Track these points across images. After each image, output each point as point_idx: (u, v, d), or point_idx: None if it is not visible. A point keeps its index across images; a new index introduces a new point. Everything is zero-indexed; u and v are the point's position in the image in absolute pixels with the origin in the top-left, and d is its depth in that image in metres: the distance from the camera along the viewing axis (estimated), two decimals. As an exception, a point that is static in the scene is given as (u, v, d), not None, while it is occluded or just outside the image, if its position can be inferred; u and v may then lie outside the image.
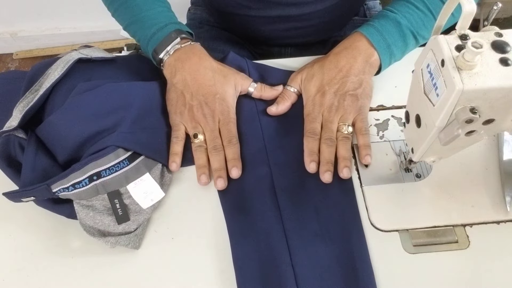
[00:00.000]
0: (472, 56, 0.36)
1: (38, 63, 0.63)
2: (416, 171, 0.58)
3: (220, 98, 0.60)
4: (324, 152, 0.57)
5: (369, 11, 0.87)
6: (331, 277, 0.51)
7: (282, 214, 0.55)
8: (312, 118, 0.60)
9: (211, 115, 0.59)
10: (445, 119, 0.40)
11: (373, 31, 0.62)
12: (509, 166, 0.57)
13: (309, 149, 0.58)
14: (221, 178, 0.56)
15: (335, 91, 0.60)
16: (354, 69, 0.61)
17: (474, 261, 0.51)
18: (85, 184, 0.53)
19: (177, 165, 0.58)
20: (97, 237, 0.53)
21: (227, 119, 0.60)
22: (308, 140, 0.59)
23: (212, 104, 0.60)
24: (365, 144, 0.58)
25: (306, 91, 0.63)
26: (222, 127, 0.59)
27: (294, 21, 0.75)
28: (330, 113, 0.60)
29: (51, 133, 0.56)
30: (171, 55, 0.62)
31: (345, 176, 0.56)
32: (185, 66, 0.61)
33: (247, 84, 0.63)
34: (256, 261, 0.52)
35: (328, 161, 0.57)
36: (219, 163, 0.57)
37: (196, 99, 0.60)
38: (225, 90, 0.61)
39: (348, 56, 0.62)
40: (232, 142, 0.59)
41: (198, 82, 0.60)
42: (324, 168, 0.56)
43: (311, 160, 0.57)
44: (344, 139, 0.58)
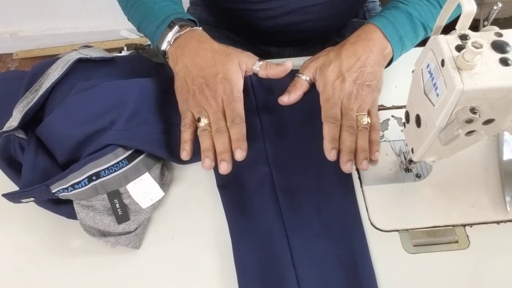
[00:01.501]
0: (472, 56, 0.36)
1: (38, 63, 0.63)
2: (416, 171, 0.58)
3: (222, 77, 0.58)
4: (346, 141, 0.56)
5: (369, 13, 0.87)
6: (332, 277, 0.51)
7: (283, 213, 0.55)
8: (333, 103, 0.58)
9: (213, 96, 0.57)
10: (445, 119, 0.40)
11: (386, 22, 0.61)
12: (509, 166, 0.57)
13: (330, 135, 0.56)
14: (224, 161, 0.53)
15: (354, 79, 0.59)
16: (371, 60, 0.60)
17: (474, 261, 0.51)
18: (85, 185, 0.53)
19: (187, 152, 0.56)
20: (97, 237, 0.53)
21: (230, 97, 0.57)
22: (330, 126, 0.56)
23: (214, 85, 0.57)
24: (376, 140, 0.58)
25: (324, 76, 0.60)
26: (226, 107, 0.57)
27: (294, 15, 0.75)
28: (349, 100, 0.58)
29: (49, 134, 0.56)
30: (171, 44, 0.61)
31: (364, 168, 0.55)
32: (185, 52, 0.60)
33: (251, 62, 0.61)
34: (257, 261, 0.52)
35: (350, 150, 0.55)
36: (222, 146, 0.55)
37: (198, 83, 0.58)
38: (227, 68, 0.58)
39: (365, 46, 0.61)
40: (235, 122, 0.55)
41: (198, 65, 0.59)
42: (346, 158, 0.55)
43: (332, 147, 0.55)
44: (363, 130, 0.57)
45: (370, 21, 0.63)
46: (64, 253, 0.54)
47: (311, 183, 0.57)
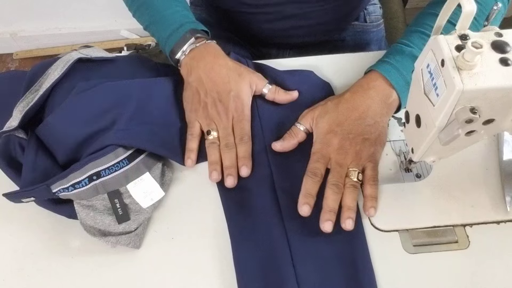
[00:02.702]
0: (472, 56, 0.36)
1: (38, 63, 0.63)
2: (416, 171, 0.58)
3: (235, 95, 0.60)
4: (328, 199, 0.53)
5: (369, 16, 0.87)
6: (332, 277, 0.51)
7: (283, 214, 0.55)
8: (317, 157, 0.56)
9: (225, 112, 0.59)
10: (445, 119, 0.40)
11: (389, 68, 0.58)
12: (509, 166, 0.57)
13: (306, 189, 0.54)
14: (231, 176, 0.56)
15: (348, 132, 0.56)
16: (371, 111, 0.57)
17: (474, 261, 0.51)
18: (85, 184, 0.53)
19: (192, 161, 0.58)
20: (97, 237, 0.53)
21: (240, 116, 0.59)
22: (307, 180, 0.54)
23: (226, 101, 0.60)
24: (371, 195, 0.54)
25: (317, 128, 0.58)
26: (235, 124, 0.59)
27: (292, 19, 0.75)
28: (339, 155, 0.55)
29: (50, 134, 0.56)
30: (186, 55, 0.62)
31: (348, 228, 0.52)
32: (200, 65, 0.61)
33: (262, 84, 0.63)
34: (257, 261, 0.52)
35: (331, 209, 0.52)
36: (230, 161, 0.57)
37: (211, 97, 0.60)
38: (240, 87, 0.60)
39: (365, 96, 0.57)
40: (243, 140, 0.58)
41: (213, 80, 0.60)
42: (325, 217, 0.52)
43: (305, 202, 0.53)
44: (351, 187, 0.54)
45: (373, 68, 0.60)
46: (64, 253, 0.54)
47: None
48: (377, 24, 0.88)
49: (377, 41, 0.89)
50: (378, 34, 0.89)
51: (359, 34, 0.87)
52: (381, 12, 0.90)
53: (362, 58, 0.70)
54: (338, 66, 0.69)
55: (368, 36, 0.87)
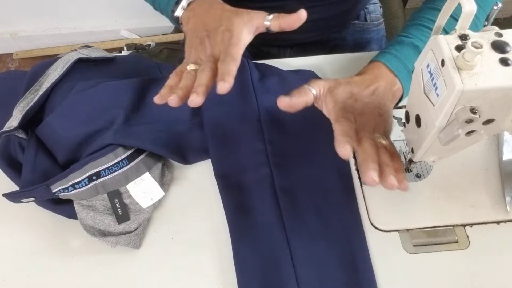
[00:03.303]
0: (472, 56, 0.36)
1: (38, 63, 0.63)
2: (416, 171, 0.58)
3: (224, 29, 0.55)
4: (368, 150, 0.48)
5: (369, 15, 0.87)
6: (332, 277, 0.51)
7: (283, 214, 0.55)
8: (346, 111, 0.53)
9: (211, 45, 0.55)
10: (445, 119, 0.40)
11: (390, 57, 0.57)
12: (509, 166, 0.57)
13: (344, 130, 0.49)
14: (195, 93, 0.48)
15: (367, 102, 0.54)
16: (380, 92, 0.56)
17: (474, 261, 0.51)
18: (85, 184, 0.53)
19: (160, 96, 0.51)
20: (97, 237, 0.53)
21: (226, 43, 0.54)
22: (342, 123, 0.50)
23: (214, 36, 0.56)
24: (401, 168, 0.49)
25: (334, 95, 0.55)
26: (221, 53, 0.54)
27: None
28: (362, 118, 0.52)
29: (49, 134, 0.56)
30: (185, 9, 0.60)
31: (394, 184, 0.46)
32: (196, 13, 0.60)
33: (261, 16, 0.58)
34: (257, 261, 0.52)
35: (373, 159, 0.47)
36: (199, 81, 0.50)
37: (200, 35, 0.57)
38: (232, 22, 0.56)
39: (373, 80, 0.56)
40: (225, 60, 0.51)
41: (204, 22, 0.58)
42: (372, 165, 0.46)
43: (346, 140, 0.47)
44: (383, 148, 0.50)
45: (375, 59, 0.59)
46: (64, 253, 0.54)
47: (311, 184, 0.57)
48: (378, 24, 0.88)
49: (378, 40, 0.89)
50: (378, 33, 0.89)
51: (360, 33, 0.87)
52: (381, 11, 0.90)
53: (362, 58, 0.70)
54: (338, 66, 0.69)
55: (369, 35, 0.87)
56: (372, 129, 0.52)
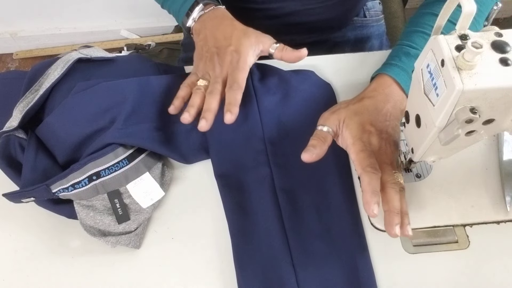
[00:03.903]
0: (472, 56, 0.36)
1: (38, 63, 0.63)
2: (416, 171, 0.58)
3: (233, 50, 0.59)
4: (393, 200, 0.48)
5: (368, 11, 0.87)
6: (332, 277, 0.51)
7: (283, 214, 0.55)
8: (368, 154, 0.50)
9: (220, 64, 0.59)
10: (445, 119, 0.40)
11: (399, 71, 0.57)
12: (509, 166, 0.57)
13: (372, 187, 0.47)
14: (204, 119, 0.54)
15: (381, 131, 0.54)
16: (391, 115, 0.56)
17: (474, 261, 0.51)
18: (85, 184, 0.53)
19: (174, 107, 0.57)
20: (97, 237, 0.53)
21: (234, 66, 0.58)
22: (371, 176, 0.48)
23: (223, 55, 0.59)
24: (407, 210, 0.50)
25: (349, 128, 0.54)
26: (228, 75, 0.58)
27: (294, 16, 0.75)
28: (381, 156, 0.51)
29: (49, 134, 0.56)
30: (196, 21, 0.63)
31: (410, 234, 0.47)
32: (207, 26, 0.62)
33: (268, 43, 0.61)
34: (257, 261, 0.52)
35: (398, 211, 0.47)
36: (208, 105, 0.55)
37: (210, 51, 0.60)
38: (241, 42, 0.59)
39: (384, 100, 0.56)
40: (232, 88, 0.56)
41: (215, 37, 0.61)
42: (395, 221, 0.46)
43: (376, 201, 0.46)
44: (403, 191, 0.50)
45: (384, 72, 0.58)
46: (64, 253, 0.54)
47: (311, 184, 0.57)
48: (377, 19, 0.88)
49: (379, 36, 0.89)
50: (379, 28, 0.89)
51: (360, 29, 0.87)
52: (380, 7, 0.90)
53: (362, 58, 0.70)
54: (338, 66, 0.69)
55: (369, 31, 0.87)
56: (390, 162, 0.52)
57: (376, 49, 0.88)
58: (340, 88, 0.66)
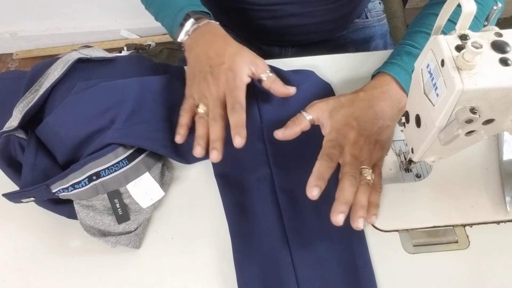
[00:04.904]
0: (472, 56, 0.36)
1: (38, 63, 0.63)
2: (416, 171, 0.58)
3: (227, 68, 0.57)
4: (344, 190, 0.49)
5: (369, 12, 0.87)
6: (332, 278, 0.51)
7: (283, 214, 0.55)
8: (334, 144, 0.52)
9: (215, 84, 0.57)
10: (445, 119, 0.40)
11: (400, 71, 0.57)
12: (509, 166, 0.57)
13: (319, 172, 0.49)
14: (215, 150, 0.54)
15: (364, 128, 0.54)
16: (386, 113, 0.55)
17: (474, 261, 0.51)
18: (85, 184, 0.53)
19: (181, 136, 0.58)
20: (97, 237, 0.53)
21: (231, 86, 0.56)
22: (321, 163, 0.50)
23: (217, 74, 0.57)
24: (376, 202, 0.52)
25: (332, 119, 0.55)
26: (227, 95, 0.57)
27: (295, 18, 0.75)
28: (355, 149, 0.52)
29: (49, 134, 0.56)
30: (189, 36, 0.62)
31: (359, 227, 0.49)
32: (199, 43, 0.61)
33: (262, 68, 0.59)
34: (257, 261, 0.52)
35: (347, 201, 0.48)
36: (214, 135, 0.55)
37: (203, 70, 0.59)
38: (234, 60, 0.58)
39: (380, 98, 0.56)
40: (234, 109, 0.55)
41: (208, 55, 0.59)
42: (340, 208, 0.48)
43: (316, 184, 0.48)
44: (365, 185, 0.51)
45: (383, 71, 0.58)
46: (64, 253, 0.54)
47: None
48: (379, 19, 0.88)
49: (382, 35, 0.89)
50: (382, 28, 0.89)
51: (362, 30, 0.87)
52: (381, 7, 0.90)
53: (363, 58, 0.70)
54: (338, 66, 0.69)
55: (371, 31, 0.87)
56: (363, 159, 0.53)
57: (381, 48, 0.88)
58: (340, 88, 0.66)
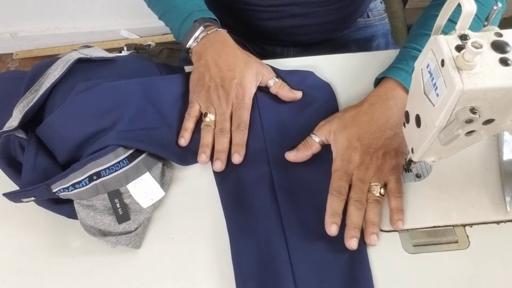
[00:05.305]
0: (472, 56, 0.36)
1: (38, 63, 0.63)
2: (416, 171, 0.58)
3: (238, 83, 0.60)
4: (352, 216, 0.52)
5: (371, 12, 0.87)
6: (329, 276, 0.51)
7: (281, 212, 0.55)
8: (340, 175, 0.54)
9: (225, 98, 0.60)
10: (445, 119, 0.40)
11: (406, 76, 0.57)
12: (509, 166, 0.57)
13: (332, 209, 0.52)
14: (219, 161, 0.57)
15: (368, 146, 0.55)
16: (390, 122, 0.56)
17: (474, 261, 0.51)
18: (85, 184, 0.53)
19: (185, 140, 0.59)
20: (98, 236, 0.53)
21: (240, 103, 0.60)
22: (333, 199, 0.53)
23: (228, 88, 0.60)
24: (398, 207, 0.54)
25: (336, 143, 0.57)
26: (234, 111, 0.60)
27: (297, 18, 0.75)
28: (360, 171, 0.54)
29: (50, 134, 0.56)
30: (198, 42, 0.64)
31: (373, 244, 0.52)
32: (208, 51, 0.63)
33: (268, 76, 0.63)
34: (254, 259, 0.52)
35: (356, 225, 0.52)
36: (221, 146, 0.58)
37: (214, 81, 0.61)
38: (244, 75, 0.61)
39: (384, 107, 0.57)
40: (240, 128, 0.59)
41: (219, 66, 0.61)
42: (350, 234, 0.51)
43: (332, 221, 0.52)
44: (374, 202, 0.53)
45: (389, 76, 0.58)
46: (64, 253, 0.54)
47: (310, 183, 0.57)
48: (380, 18, 0.88)
49: (384, 34, 0.89)
50: (383, 27, 0.89)
51: (363, 29, 0.87)
52: (383, 6, 0.90)
53: (362, 58, 0.70)
54: (338, 66, 0.69)
55: (373, 30, 0.87)
56: (372, 176, 0.55)
57: (383, 48, 0.88)
58: (340, 88, 0.66)
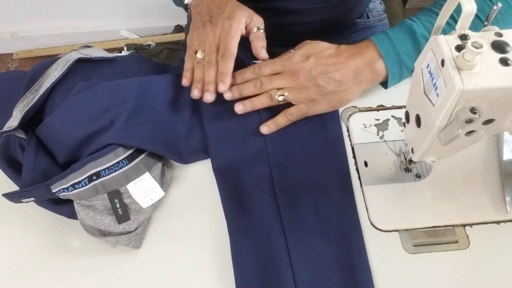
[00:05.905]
0: (472, 56, 0.36)
1: (38, 63, 0.63)
2: (416, 171, 0.58)
3: (226, 17, 0.61)
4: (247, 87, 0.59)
5: (371, 12, 0.87)
6: (329, 276, 0.51)
7: (281, 212, 0.55)
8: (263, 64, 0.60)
9: (213, 30, 0.61)
10: (445, 119, 0.40)
11: (383, 38, 0.58)
12: (509, 166, 0.57)
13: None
14: (208, 92, 0.58)
15: (310, 68, 0.58)
16: (346, 70, 0.57)
17: (474, 261, 0.51)
18: (85, 184, 0.53)
19: (187, 80, 0.60)
20: (98, 237, 0.53)
21: (226, 33, 0.60)
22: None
23: (216, 21, 0.61)
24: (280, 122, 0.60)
25: (295, 50, 0.61)
26: (221, 42, 0.60)
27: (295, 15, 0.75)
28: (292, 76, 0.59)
29: (49, 134, 0.56)
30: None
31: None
32: (204, 1, 0.64)
33: (257, 23, 0.63)
34: (254, 259, 0.52)
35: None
36: (208, 77, 0.59)
37: (204, 19, 0.62)
38: (234, 11, 0.62)
39: (349, 56, 0.58)
40: (224, 57, 0.59)
41: (210, 7, 0.63)
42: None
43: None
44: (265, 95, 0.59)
45: (368, 37, 0.59)
46: (64, 253, 0.54)
47: (310, 183, 0.57)
48: (380, 19, 0.88)
49: None
50: (383, 28, 0.89)
51: (363, 31, 0.87)
52: (382, 7, 0.90)
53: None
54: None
55: (373, 31, 0.87)
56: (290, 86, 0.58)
57: None
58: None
